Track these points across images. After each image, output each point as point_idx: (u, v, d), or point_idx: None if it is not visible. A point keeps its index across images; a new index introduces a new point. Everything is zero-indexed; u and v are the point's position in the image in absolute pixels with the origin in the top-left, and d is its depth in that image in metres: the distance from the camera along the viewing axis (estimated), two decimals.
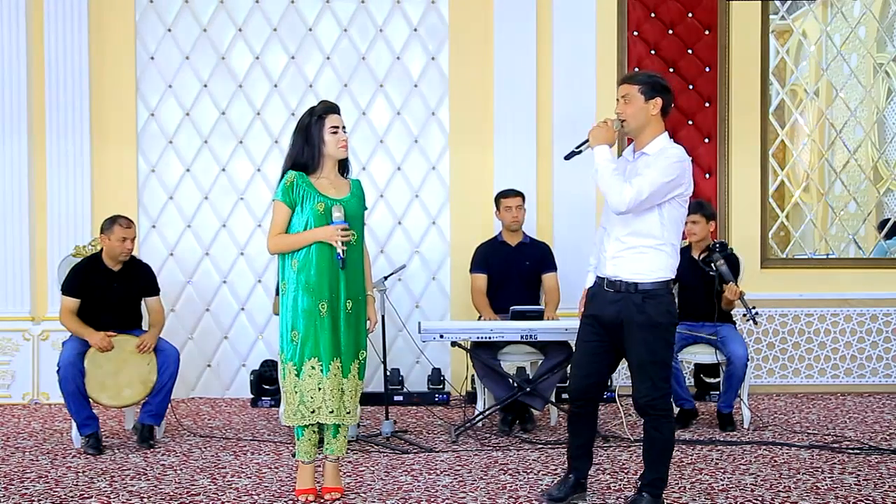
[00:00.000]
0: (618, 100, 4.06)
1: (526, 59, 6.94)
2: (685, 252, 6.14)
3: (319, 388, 4.20)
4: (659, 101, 4.00)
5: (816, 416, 6.28)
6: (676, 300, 6.15)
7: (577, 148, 4.12)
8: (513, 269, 6.15)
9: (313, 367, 4.21)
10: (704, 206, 6.12)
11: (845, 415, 6.31)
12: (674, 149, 3.99)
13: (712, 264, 5.81)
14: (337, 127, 4.27)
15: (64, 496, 4.41)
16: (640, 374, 3.99)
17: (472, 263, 6.27)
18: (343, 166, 4.39)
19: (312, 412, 4.22)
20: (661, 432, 4.02)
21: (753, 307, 5.64)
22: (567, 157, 4.18)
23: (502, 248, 6.24)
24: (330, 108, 4.31)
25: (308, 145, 4.27)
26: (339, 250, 4.17)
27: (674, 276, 4.05)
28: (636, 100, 3.99)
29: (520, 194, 6.27)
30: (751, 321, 5.62)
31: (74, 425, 5.35)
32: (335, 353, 4.22)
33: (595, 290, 4.15)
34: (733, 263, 5.93)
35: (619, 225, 4.02)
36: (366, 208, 4.46)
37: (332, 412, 4.22)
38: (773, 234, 7.27)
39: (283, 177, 4.28)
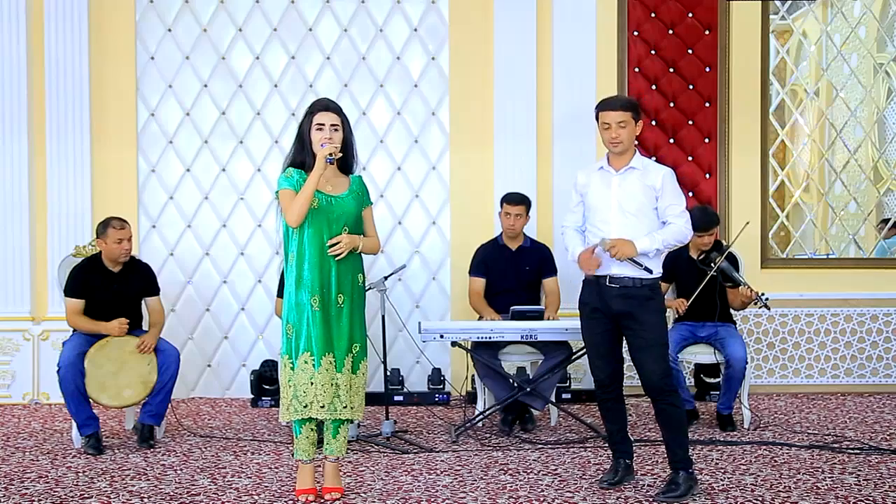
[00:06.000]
0: (608, 125, 4.31)
1: (526, 59, 6.94)
2: (683, 252, 6.11)
3: (311, 383, 4.20)
4: (641, 122, 4.41)
5: (816, 416, 6.28)
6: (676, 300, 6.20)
7: (640, 264, 4.31)
8: (512, 274, 6.10)
9: (306, 362, 4.21)
10: (709, 213, 5.99)
11: (845, 415, 6.31)
12: (658, 164, 4.46)
13: (711, 263, 5.78)
14: (322, 124, 4.23)
15: (64, 496, 4.41)
16: (652, 356, 4.34)
17: (471, 266, 6.22)
18: (343, 164, 4.36)
19: (305, 406, 4.21)
20: (677, 405, 4.38)
21: (763, 293, 5.65)
22: (639, 265, 4.31)
23: (502, 253, 6.17)
24: (320, 107, 4.28)
25: (301, 144, 4.30)
26: (327, 155, 4.15)
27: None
28: (631, 125, 4.34)
29: (523, 202, 6.09)
30: (763, 308, 5.66)
31: (74, 425, 5.35)
32: (327, 348, 4.22)
33: (593, 287, 4.45)
34: (732, 262, 5.90)
35: (623, 229, 4.32)
36: (370, 203, 4.43)
37: (323, 407, 4.21)
38: (774, 234, 7.27)
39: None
